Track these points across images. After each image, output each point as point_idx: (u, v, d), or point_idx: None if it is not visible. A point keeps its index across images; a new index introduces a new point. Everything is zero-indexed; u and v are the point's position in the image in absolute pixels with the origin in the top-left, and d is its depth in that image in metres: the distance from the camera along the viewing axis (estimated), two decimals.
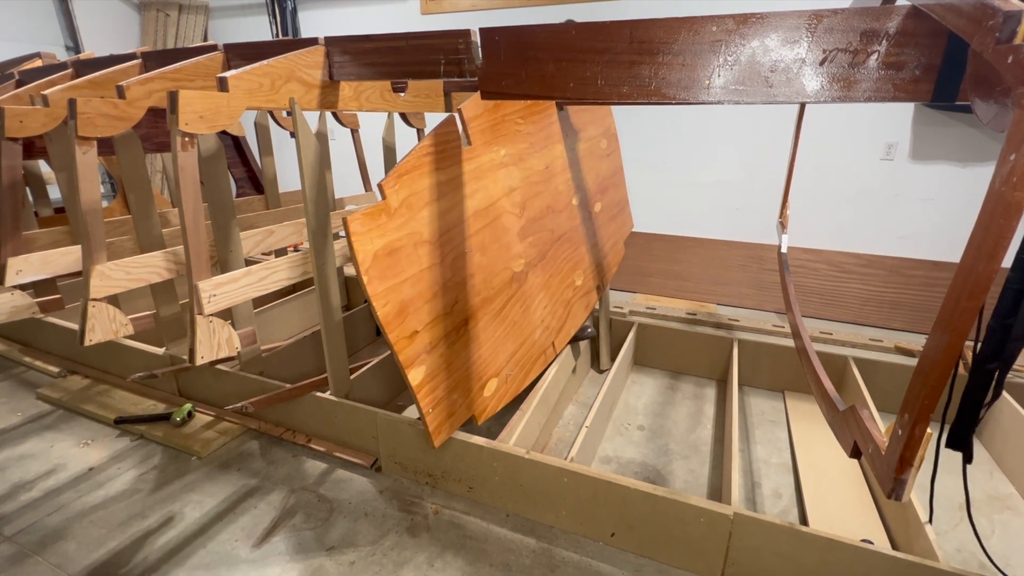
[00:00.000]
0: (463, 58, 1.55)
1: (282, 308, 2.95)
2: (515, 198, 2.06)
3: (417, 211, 1.65)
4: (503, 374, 1.94)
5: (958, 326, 0.82)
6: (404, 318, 1.60)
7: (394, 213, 1.58)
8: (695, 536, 1.53)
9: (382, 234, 1.55)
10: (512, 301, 2.01)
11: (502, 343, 1.95)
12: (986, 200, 0.79)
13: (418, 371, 1.63)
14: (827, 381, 1.47)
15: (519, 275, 2.06)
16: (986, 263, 0.78)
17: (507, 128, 2.03)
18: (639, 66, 1.31)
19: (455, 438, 1.78)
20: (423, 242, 1.67)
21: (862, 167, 3.42)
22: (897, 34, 1.12)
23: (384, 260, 1.55)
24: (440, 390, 1.71)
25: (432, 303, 1.69)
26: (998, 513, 1.83)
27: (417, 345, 1.63)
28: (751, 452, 2.15)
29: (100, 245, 1.87)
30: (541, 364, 2.15)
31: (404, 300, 1.60)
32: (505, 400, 1.94)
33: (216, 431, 2.17)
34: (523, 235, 2.09)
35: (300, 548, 1.64)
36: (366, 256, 1.51)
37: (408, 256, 1.62)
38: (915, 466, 0.93)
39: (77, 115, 1.69)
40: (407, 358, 1.60)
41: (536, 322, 2.14)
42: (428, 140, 1.69)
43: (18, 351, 2.83)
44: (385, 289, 1.55)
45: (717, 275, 3.65)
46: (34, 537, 1.68)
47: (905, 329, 3.14)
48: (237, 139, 3.54)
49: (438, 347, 1.70)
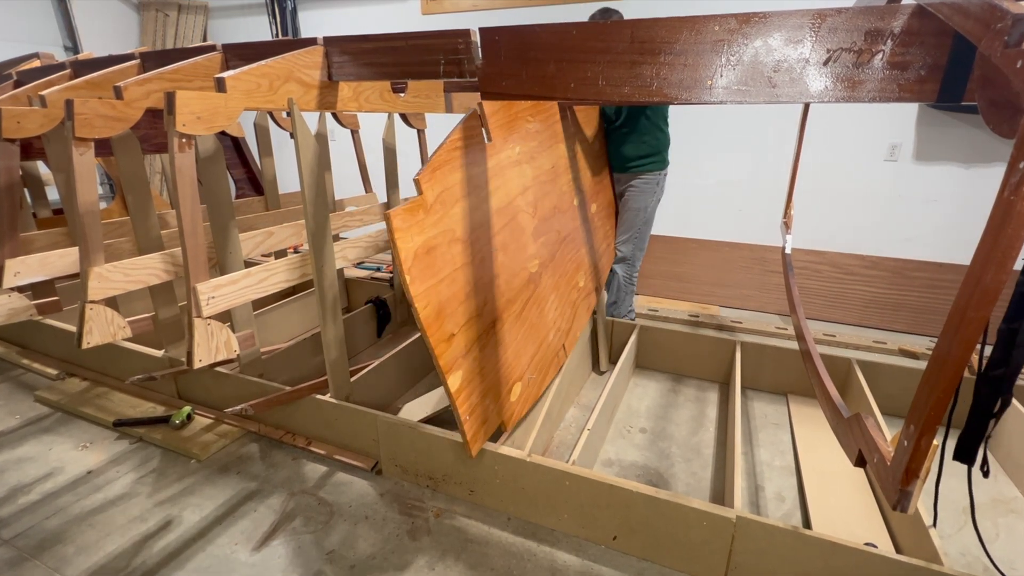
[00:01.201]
0: (463, 58, 1.54)
1: (282, 310, 2.94)
2: (528, 197, 2.00)
3: (450, 207, 1.57)
4: (526, 378, 1.87)
5: (965, 337, 0.81)
6: (442, 321, 1.52)
7: (430, 209, 1.50)
8: (697, 539, 1.52)
9: (421, 231, 1.47)
10: (530, 303, 1.95)
11: (523, 346, 1.88)
12: (994, 209, 0.77)
13: (456, 376, 1.56)
14: (831, 387, 1.45)
15: (535, 276, 1.99)
16: (994, 274, 0.76)
17: (520, 125, 1.98)
18: (641, 66, 1.30)
19: (455, 441, 1.77)
20: (456, 240, 1.60)
21: (866, 168, 3.40)
22: (902, 33, 1.11)
23: (423, 259, 1.48)
24: (475, 396, 1.64)
25: (465, 304, 1.62)
26: (1003, 517, 1.81)
27: (455, 349, 1.56)
28: (754, 455, 2.14)
29: (98, 247, 1.86)
30: (555, 367, 2.10)
31: (442, 301, 1.53)
32: (528, 405, 1.88)
33: (215, 434, 2.16)
34: (536, 235, 2.03)
35: (300, 552, 1.63)
36: (408, 254, 1.42)
37: (443, 255, 1.55)
38: (921, 478, 0.91)
39: (74, 116, 1.67)
40: (446, 363, 1.52)
41: (549, 324, 2.08)
42: (457, 134, 1.61)
43: (16, 353, 2.82)
44: (425, 289, 1.47)
45: (720, 277, 3.64)
46: (32, 541, 1.67)
47: (909, 331, 3.13)
48: (237, 140, 3.53)
49: (472, 351, 1.63)
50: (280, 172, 3.39)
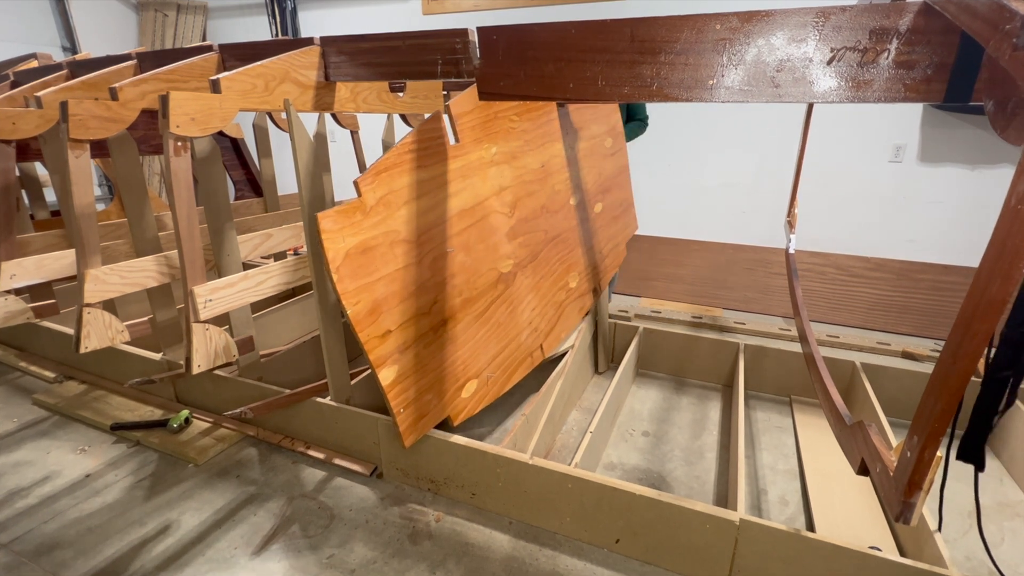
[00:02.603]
0: (460, 58, 1.52)
1: (281, 313, 2.92)
2: (505, 197, 2.03)
3: (395, 209, 1.63)
4: (484, 376, 1.92)
5: (970, 348, 0.79)
6: (376, 317, 1.58)
7: (370, 211, 1.56)
8: (700, 543, 1.51)
9: (356, 232, 1.53)
10: (497, 302, 1.99)
11: (484, 344, 1.92)
12: (1001, 218, 0.75)
13: (389, 371, 1.61)
14: (835, 393, 1.44)
15: (506, 276, 2.03)
16: (1001, 284, 0.74)
17: (500, 125, 2.00)
18: (641, 66, 1.28)
19: (457, 443, 1.76)
20: (400, 241, 1.65)
21: (870, 169, 3.38)
22: (908, 32, 1.09)
23: (357, 259, 1.53)
24: (411, 391, 1.69)
25: (407, 303, 1.67)
26: (1008, 520, 1.79)
27: (389, 345, 1.61)
28: (757, 458, 2.12)
29: (94, 249, 1.84)
30: (527, 367, 2.13)
31: (377, 299, 1.58)
32: (485, 402, 1.92)
33: (214, 438, 2.14)
34: (513, 235, 2.06)
35: (300, 556, 1.61)
36: (337, 254, 1.49)
37: (383, 255, 1.60)
38: (924, 489, 0.90)
39: (69, 117, 1.66)
40: (378, 358, 1.59)
41: (523, 324, 2.11)
42: (410, 137, 1.66)
43: (13, 356, 2.80)
44: (356, 288, 1.53)
45: (723, 279, 3.62)
46: (30, 545, 1.66)
47: (914, 334, 3.11)
48: (235, 141, 3.51)
49: (411, 348, 1.68)
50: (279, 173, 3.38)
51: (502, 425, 2.31)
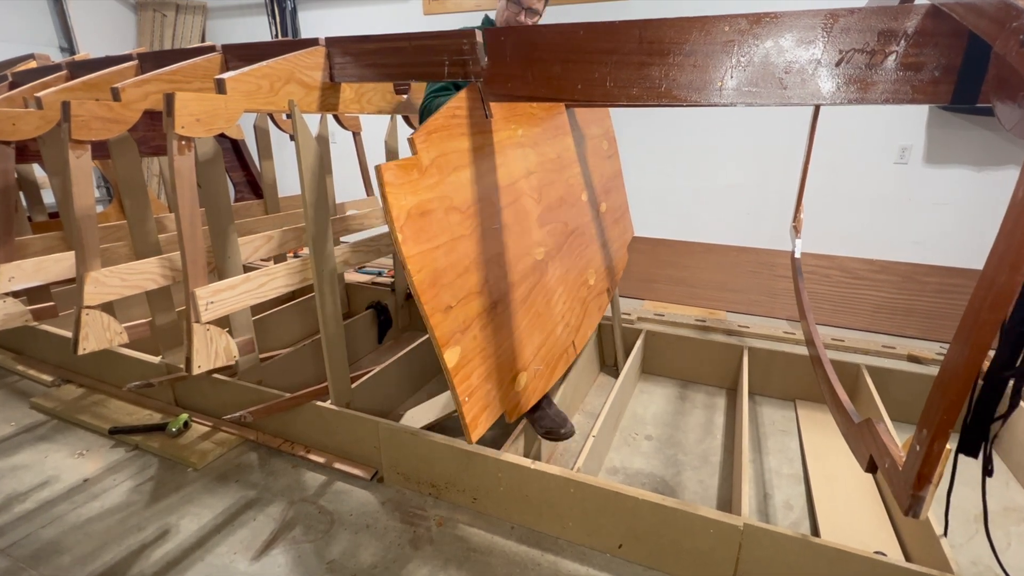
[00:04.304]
0: (468, 59, 1.51)
1: (281, 315, 2.91)
2: (533, 181, 1.93)
3: (447, 174, 1.50)
4: (531, 368, 1.78)
5: (979, 339, 0.79)
6: (438, 289, 1.44)
7: (425, 171, 1.43)
8: (704, 547, 1.50)
9: (414, 191, 1.40)
10: (536, 290, 1.86)
11: (528, 334, 1.79)
12: (1009, 210, 0.76)
13: (453, 352, 1.46)
14: (842, 392, 1.43)
15: (540, 263, 1.91)
16: (1009, 275, 0.74)
17: (523, 109, 1.91)
18: (649, 67, 1.27)
19: (458, 447, 1.74)
20: (454, 208, 1.51)
21: (875, 171, 3.37)
22: (916, 34, 1.09)
23: (417, 220, 1.39)
24: (474, 378, 1.54)
25: (464, 278, 1.52)
26: (1015, 525, 1.79)
27: (452, 322, 1.47)
28: (762, 462, 2.11)
29: (94, 251, 1.83)
30: (564, 363, 2.02)
31: (437, 269, 1.44)
32: (534, 398, 1.80)
33: (213, 442, 2.13)
34: (541, 222, 1.95)
35: (300, 561, 1.60)
36: (400, 212, 1.35)
37: (440, 221, 1.46)
38: (934, 483, 0.90)
39: (71, 118, 1.65)
40: (443, 335, 1.43)
41: (557, 317, 2.00)
42: (456, 101, 1.54)
43: (11, 359, 2.78)
44: (419, 252, 1.39)
45: (727, 281, 3.60)
46: (28, 550, 1.64)
47: (919, 337, 3.09)
48: (236, 143, 3.50)
49: (471, 328, 1.53)
50: (280, 175, 3.36)
51: (503, 429, 2.29)
